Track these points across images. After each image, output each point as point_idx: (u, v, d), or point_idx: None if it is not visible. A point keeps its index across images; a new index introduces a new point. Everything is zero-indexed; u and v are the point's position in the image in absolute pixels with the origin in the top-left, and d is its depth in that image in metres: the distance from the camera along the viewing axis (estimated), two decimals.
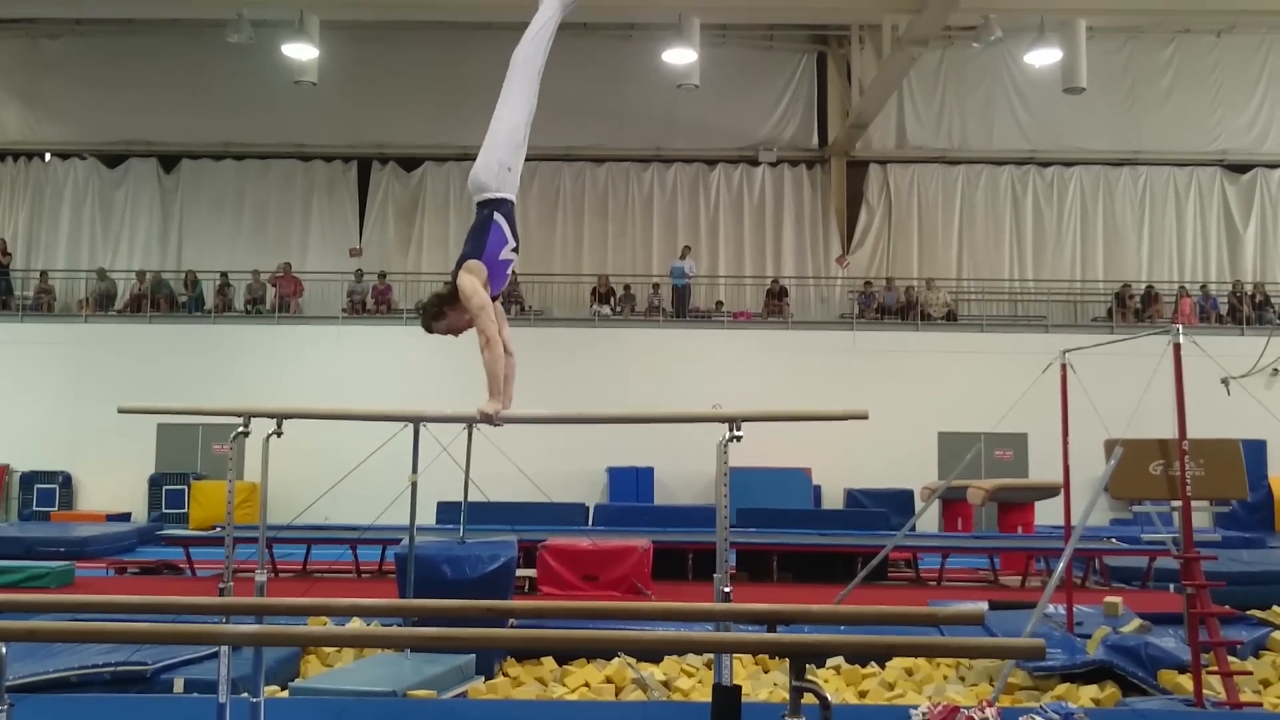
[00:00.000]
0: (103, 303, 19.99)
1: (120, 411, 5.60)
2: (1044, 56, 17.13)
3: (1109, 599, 8.45)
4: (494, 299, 4.92)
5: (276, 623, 4.57)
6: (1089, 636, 7.34)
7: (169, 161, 21.93)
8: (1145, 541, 11.20)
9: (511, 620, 6.12)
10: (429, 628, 3.95)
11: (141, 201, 21.75)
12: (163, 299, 19.88)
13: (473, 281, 4.79)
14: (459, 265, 4.87)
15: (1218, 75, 21.53)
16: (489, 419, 4.78)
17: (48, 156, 22.08)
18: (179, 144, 21.72)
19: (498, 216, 4.95)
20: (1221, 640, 6.53)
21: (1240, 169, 21.72)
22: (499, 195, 5.00)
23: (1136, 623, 7.71)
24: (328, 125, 21.23)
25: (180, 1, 16.55)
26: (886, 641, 3.73)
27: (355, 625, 7.31)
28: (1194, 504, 6.79)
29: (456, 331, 4.87)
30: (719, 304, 20.38)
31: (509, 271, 5.04)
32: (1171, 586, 10.10)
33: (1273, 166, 21.66)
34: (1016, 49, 19.36)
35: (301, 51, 16.48)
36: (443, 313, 4.88)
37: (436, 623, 4.17)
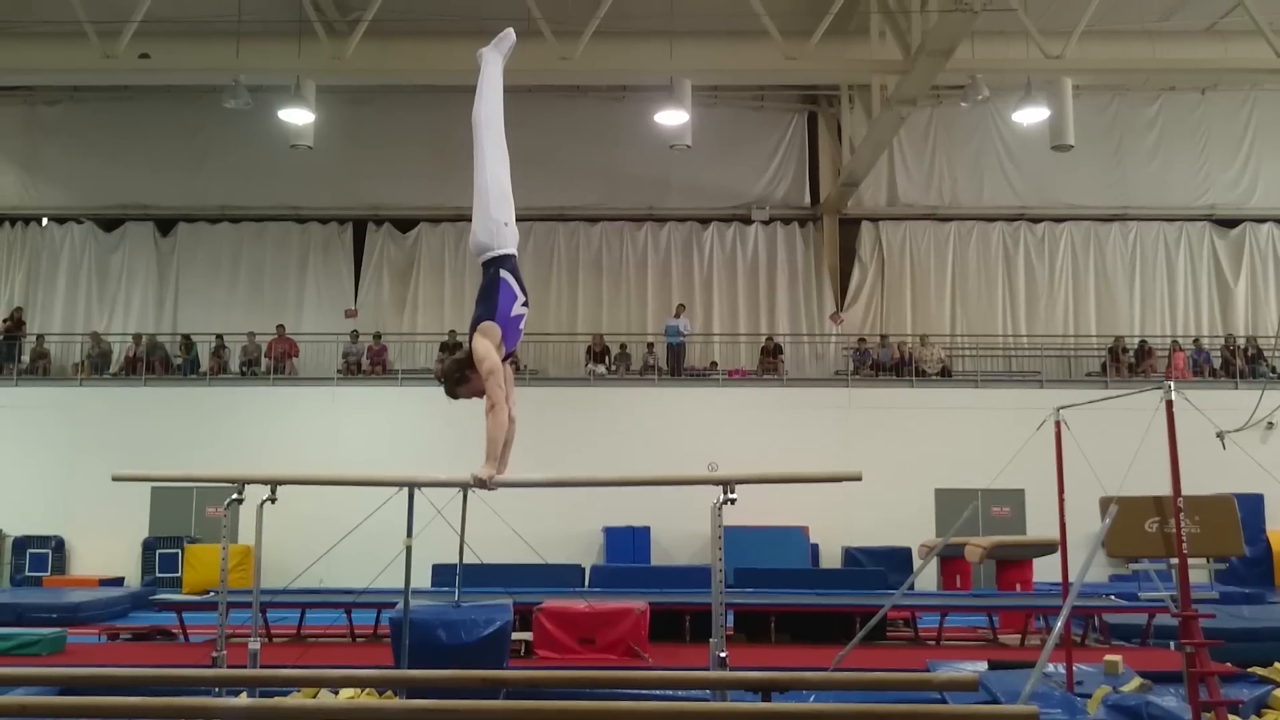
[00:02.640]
0: (98, 366, 20.00)
1: (114, 479, 5.61)
2: (1031, 115, 17.33)
3: (1109, 657, 8.40)
4: (509, 356, 4.98)
5: (271, 694, 4.53)
6: (1089, 696, 7.28)
7: (165, 225, 22.05)
8: (1143, 599, 11.14)
9: (504, 691, 6.06)
10: (422, 700, 3.92)
11: (138, 265, 21.85)
12: (158, 361, 19.89)
13: (486, 345, 4.85)
14: (473, 328, 4.93)
15: (1204, 131, 21.80)
16: (483, 484, 4.79)
17: (45, 221, 22.20)
18: (175, 207, 21.87)
19: (504, 274, 5.02)
20: (1222, 699, 6.48)
21: (1229, 224, 21.89)
22: (501, 252, 5.07)
23: (1137, 681, 7.66)
24: (323, 187, 21.41)
25: (177, 69, 16.70)
26: (880, 710, 3.71)
27: (349, 694, 7.23)
28: (1191, 561, 6.77)
29: (481, 394, 4.91)
30: (713, 363, 20.42)
31: (522, 327, 5.10)
32: (1172, 644, 10.03)
33: (1261, 221, 21.85)
34: (1004, 107, 19.60)
35: (298, 116, 16.64)
36: (465, 377, 4.93)
37: (430, 693, 4.14)
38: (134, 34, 15.47)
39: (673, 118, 16.26)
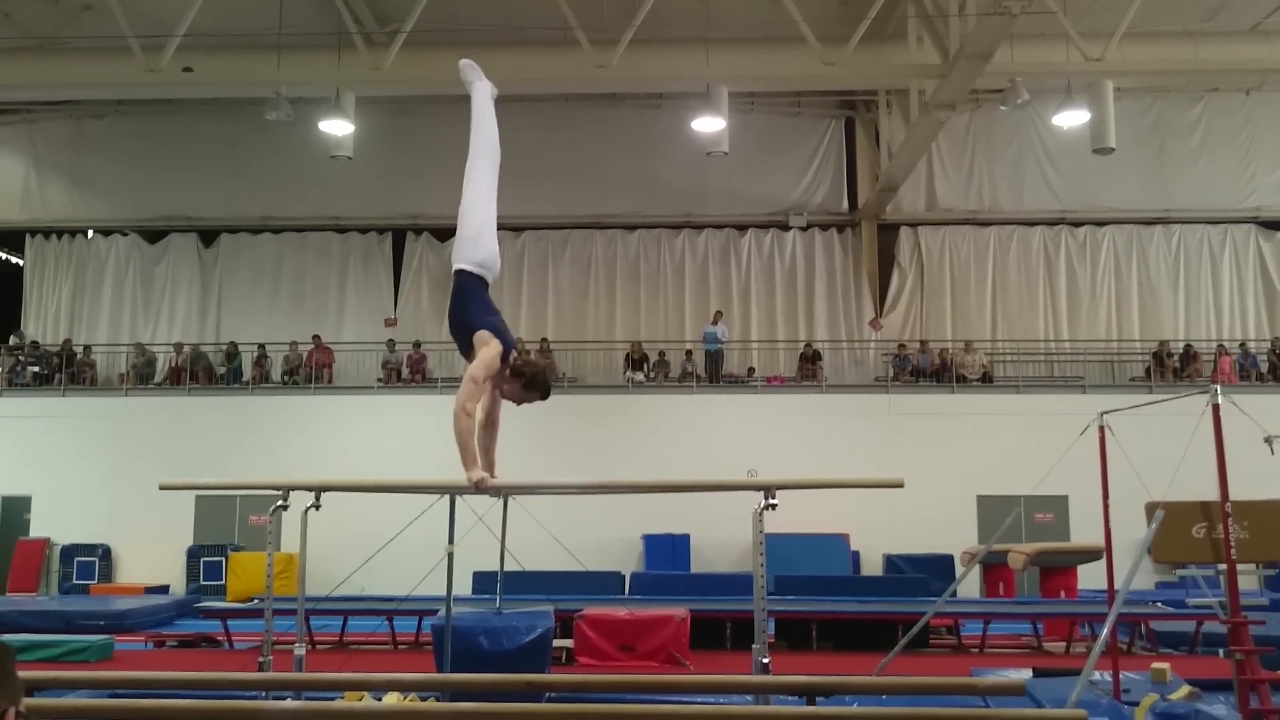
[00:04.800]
0: (143, 376, 20.27)
1: (161, 488, 5.68)
2: (1072, 118, 17.15)
3: (1156, 665, 8.28)
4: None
5: (315, 697, 4.56)
6: (1137, 704, 7.18)
7: (208, 236, 22.35)
8: (1191, 605, 11.01)
9: (549, 694, 6.08)
10: (467, 703, 3.94)
11: (181, 275, 22.14)
12: (201, 371, 20.13)
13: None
14: (476, 331, 5.07)
15: (1248, 132, 21.51)
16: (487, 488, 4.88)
17: (90, 233, 22.56)
18: (218, 218, 22.17)
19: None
20: (1273, 708, 6.38)
21: (1275, 226, 21.57)
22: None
23: (1185, 689, 7.54)
24: (363, 197, 21.60)
25: (219, 82, 16.92)
26: (928, 713, 3.68)
27: (392, 699, 7.28)
28: (1240, 566, 6.67)
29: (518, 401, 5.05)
30: (751, 369, 20.37)
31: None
32: (1221, 651, 9.89)
33: None
34: (1044, 110, 19.44)
35: (338, 127, 16.79)
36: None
37: (474, 697, 4.16)
38: (177, 48, 15.67)
39: (709, 124, 16.26)
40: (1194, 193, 21.43)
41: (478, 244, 5.11)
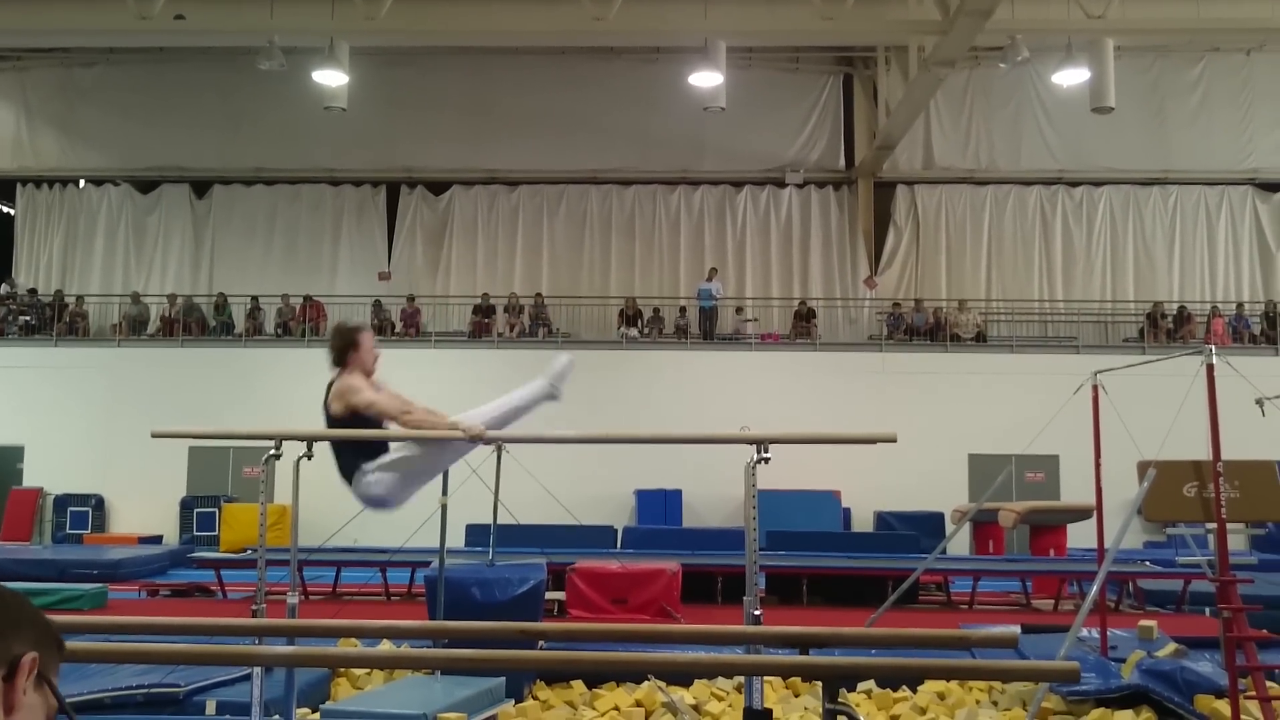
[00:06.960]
0: (135, 327, 20.21)
1: (154, 435, 5.68)
2: (1072, 76, 17.06)
3: (1144, 623, 8.36)
4: None
5: (309, 644, 4.59)
6: (1124, 660, 7.26)
7: (201, 187, 22.19)
8: (1180, 564, 11.10)
9: (541, 643, 6.12)
10: (460, 649, 3.96)
11: (174, 227, 22.02)
12: (194, 323, 20.07)
13: (354, 382, 5.52)
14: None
15: (1248, 93, 21.39)
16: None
17: (82, 183, 22.40)
18: (211, 170, 22.00)
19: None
20: (1259, 665, 6.44)
21: (1272, 188, 21.51)
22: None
23: (1172, 647, 7.61)
24: (357, 150, 21.44)
25: (212, 30, 16.75)
26: (919, 664, 3.71)
27: (385, 647, 7.33)
28: (1229, 526, 6.71)
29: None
30: (742, 315, 20.36)
31: None
32: (1208, 610, 9.99)
33: None
34: (1044, 69, 19.32)
35: (331, 78, 16.64)
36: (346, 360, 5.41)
37: (468, 644, 4.18)
38: None
39: (707, 80, 16.13)
40: (1192, 153, 21.34)
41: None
